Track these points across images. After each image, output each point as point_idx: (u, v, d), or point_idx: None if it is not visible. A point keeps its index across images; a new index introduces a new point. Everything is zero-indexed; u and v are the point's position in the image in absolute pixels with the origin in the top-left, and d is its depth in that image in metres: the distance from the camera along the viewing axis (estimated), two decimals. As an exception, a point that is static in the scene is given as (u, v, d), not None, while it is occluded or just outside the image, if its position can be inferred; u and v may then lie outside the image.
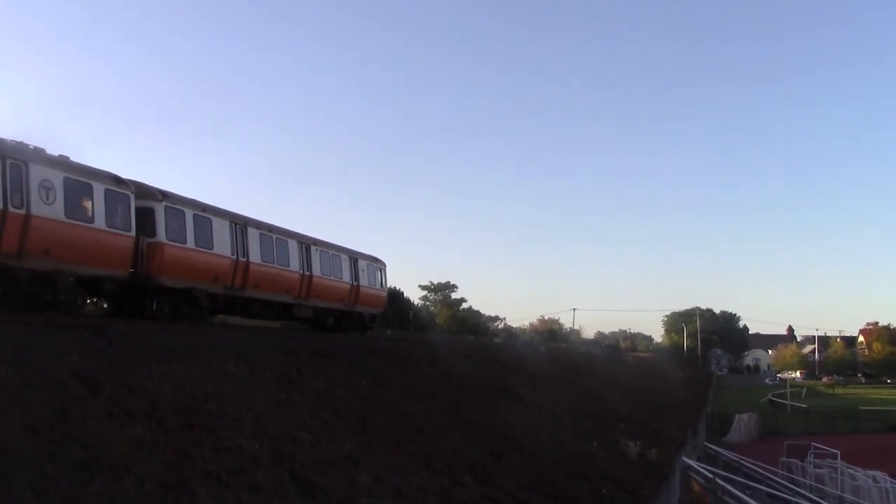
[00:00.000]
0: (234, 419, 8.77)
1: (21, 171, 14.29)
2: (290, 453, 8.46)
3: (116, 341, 10.18)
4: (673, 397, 51.72)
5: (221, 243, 20.71)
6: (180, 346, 11.09)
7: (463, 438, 13.21)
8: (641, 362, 75.17)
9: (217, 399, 9.22)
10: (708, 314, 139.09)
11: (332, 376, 13.23)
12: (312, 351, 15.00)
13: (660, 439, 24.84)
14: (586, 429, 20.91)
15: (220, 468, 7.19)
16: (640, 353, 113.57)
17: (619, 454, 18.99)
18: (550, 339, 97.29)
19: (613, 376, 44.14)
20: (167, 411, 8.15)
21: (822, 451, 36.79)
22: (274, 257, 23.20)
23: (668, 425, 32.26)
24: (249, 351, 12.43)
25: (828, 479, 32.14)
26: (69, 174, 15.66)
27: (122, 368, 8.91)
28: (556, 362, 38.13)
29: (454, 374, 19.88)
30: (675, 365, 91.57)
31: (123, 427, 7.26)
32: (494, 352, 30.55)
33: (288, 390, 11.17)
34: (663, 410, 38.64)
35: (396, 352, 19.99)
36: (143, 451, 6.89)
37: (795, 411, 70.61)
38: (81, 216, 15.88)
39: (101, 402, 7.59)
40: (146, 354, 9.85)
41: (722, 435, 52.28)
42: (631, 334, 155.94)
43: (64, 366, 8.15)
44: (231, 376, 10.59)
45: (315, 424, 10.02)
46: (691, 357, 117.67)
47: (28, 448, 6.00)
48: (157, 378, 9.07)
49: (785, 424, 61.33)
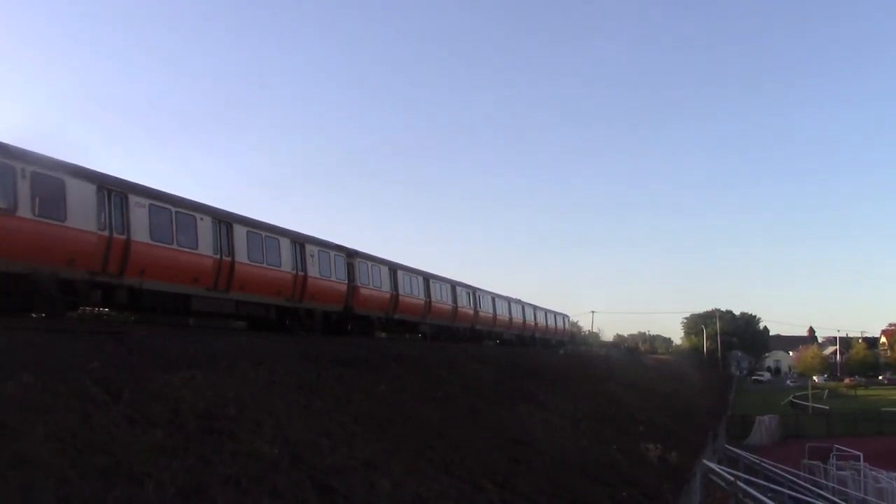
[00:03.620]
0: (254, 424, 8.76)
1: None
2: (310, 459, 8.42)
3: (137, 348, 10.22)
4: (693, 400, 51.25)
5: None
6: (201, 352, 11.13)
7: (483, 444, 13.12)
8: (661, 365, 74.58)
9: (237, 405, 9.21)
10: (728, 315, 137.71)
11: (352, 382, 13.21)
12: (332, 357, 15.00)
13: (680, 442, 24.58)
14: (606, 433, 20.73)
15: (241, 473, 7.17)
16: (659, 355, 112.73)
17: (639, 458, 18.80)
18: (569, 342, 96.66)
19: (633, 379, 43.80)
20: (187, 417, 8.15)
21: (844, 453, 36.25)
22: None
23: (688, 428, 31.95)
24: (269, 357, 12.44)
25: (851, 482, 31.62)
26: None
27: (142, 375, 8.95)
28: (575, 366, 37.91)
29: (473, 379, 19.81)
30: (694, 367, 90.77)
31: (144, 433, 7.27)
32: (513, 357, 30.38)
33: (308, 396, 11.16)
34: (683, 413, 38.30)
35: (416, 358, 19.93)
36: (164, 456, 6.88)
37: (817, 413, 69.70)
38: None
39: (122, 409, 7.61)
40: (167, 361, 9.88)
41: (743, 437, 51.68)
42: (650, 336, 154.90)
43: (85, 373, 8.19)
44: (251, 382, 10.60)
45: (334, 430, 9.98)
46: (711, 359, 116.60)
47: (50, 455, 6.01)
48: (178, 384, 9.08)
49: (807, 426, 60.53)
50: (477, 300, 39.55)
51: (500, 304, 43.45)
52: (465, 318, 37.58)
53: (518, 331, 46.49)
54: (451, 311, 35.84)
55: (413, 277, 31.91)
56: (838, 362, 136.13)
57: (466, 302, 38.01)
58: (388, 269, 29.58)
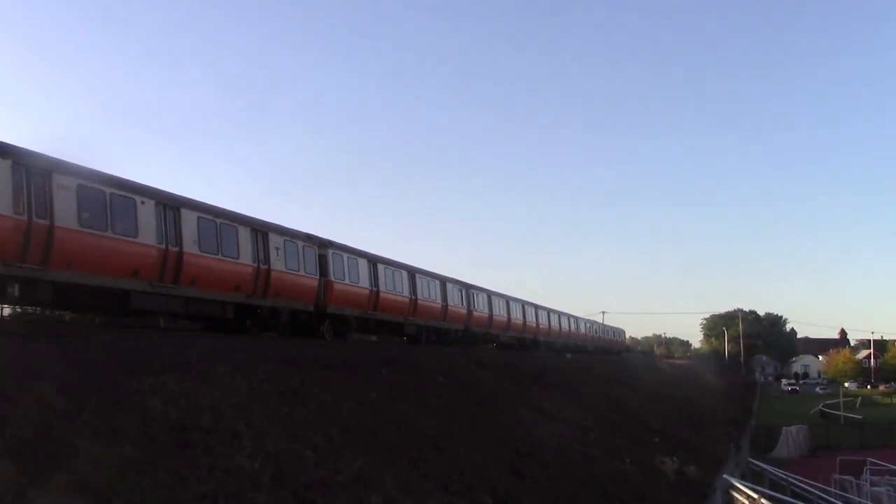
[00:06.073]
0: (231, 436, 8.77)
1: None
2: (294, 473, 8.44)
3: (102, 353, 10.21)
4: (713, 408, 51.45)
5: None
6: (172, 357, 11.12)
7: (483, 456, 13.16)
8: (678, 370, 74.91)
9: (213, 414, 9.22)
10: (751, 316, 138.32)
11: (339, 389, 13.22)
12: (317, 361, 15.01)
13: (699, 455, 24.68)
14: (617, 444, 20.81)
15: (218, 490, 7.18)
16: (676, 359, 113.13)
17: (654, 471, 18.89)
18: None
19: (647, 385, 43.98)
20: (159, 428, 8.15)
21: (879, 467, 36.32)
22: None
23: (707, 439, 32.07)
24: (248, 362, 12.44)
25: (886, 499, 31.70)
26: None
27: (109, 382, 8.94)
28: (584, 370, 38.02)
29: (472, 384, 19.85)
30: (715, 372, 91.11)
31: (111, 446, 7.27)
32: (516, 360, 30.44)
33: (291, 404, 11.16)
34: (702, 423, 38.45)
35: (410, 362, 19.95)
36: (133, 472, 6.88)
37: (849, 423, 69.95)
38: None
39: (86, 420, 7.60)
40: (135, 367, 9.86)
41: (768, 450, 51.79)
42: (666, 339, 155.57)
43: (47, 380, 8.18)
44: (228, 389, 10.59)
45: (320, 441, 9.99)
46: (733, 364, 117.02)
47: (8, 471, 6.01)
48: (148, 392, 9.07)
49: (838, 438, 60.74)
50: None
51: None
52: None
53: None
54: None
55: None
56: (872, 367, 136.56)
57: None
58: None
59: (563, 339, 56.00)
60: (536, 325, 49.64)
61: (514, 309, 45.81)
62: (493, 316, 42.01)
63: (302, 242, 24.58)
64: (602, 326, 76.54)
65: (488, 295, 42.12)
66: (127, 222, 17.46)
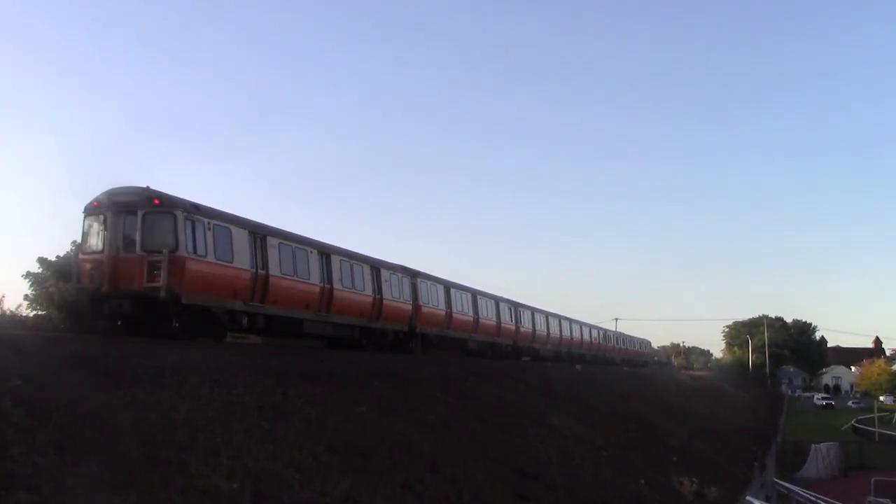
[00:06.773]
0: (208, 454, 8.76)
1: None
2: (276, 495, 8.44)
3: (68, 361, 10.20)
4: (736, 423, 51.44)
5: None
6: (143, 366, 11.11)
7: (484, 477, 13.16)
8: (698, 382, 74.84)
9: (188, 430, 9.21)
10: (778, 324, 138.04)
11: (326, 403, 13.21)
12: (302, 373, 15.00)
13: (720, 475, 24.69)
14: (632, 463, 20.81)
15: (192, 513, 7.18)
16: (696, 370, 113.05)
17: (671, 493, 18.89)
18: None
19: (665, 398, 43.95)
20: (129, 445, 8.14)
21: (918, 488, 36.36)
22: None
23: (730, 458, 32.07)
24: (225, 372, 12.43)
25: (925, 523, 31.78)
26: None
27: (74, 394, 8.92)
28: (595, 382, 38.00)
29: (473, 399, 19.83)
30: (738, 385, 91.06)
31: (77, 464, 7.26)
32: (520, 372, 30.45)
33: (272, 419, 11.16)
34: (725, 440, 38.44)
35: (404, 373, 19.95)
36: (101, 492, 6.88)
37: (885, 440, 69.95)
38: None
39: (49, 435, 7.59)
40: (104, 377, 9.86)
41: (795, 469, 51.80)
42: (685, 348, 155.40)
43: (5, 391, 8.17)
44: (204, 402, 10.59)
45: (305, 460, 9.99)
46: (758, 375, 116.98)
47: (-38, 490, 6.01)
48: (117, 405, 9.07)
49: (872, 456, 60.71)
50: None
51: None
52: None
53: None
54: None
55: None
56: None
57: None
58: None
59: (594, 351, 63.23)
60: (571, 338, 56.94)
61: (552, 324, 53.04)
62: (535, 331, 48.88)
63: (401, 274, 31.38)
64: (629, 338, 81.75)
65: (532, 312, 48.97)
66: (302, 267, 24.03)
